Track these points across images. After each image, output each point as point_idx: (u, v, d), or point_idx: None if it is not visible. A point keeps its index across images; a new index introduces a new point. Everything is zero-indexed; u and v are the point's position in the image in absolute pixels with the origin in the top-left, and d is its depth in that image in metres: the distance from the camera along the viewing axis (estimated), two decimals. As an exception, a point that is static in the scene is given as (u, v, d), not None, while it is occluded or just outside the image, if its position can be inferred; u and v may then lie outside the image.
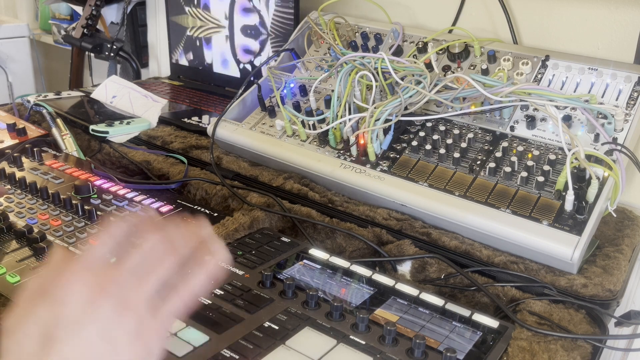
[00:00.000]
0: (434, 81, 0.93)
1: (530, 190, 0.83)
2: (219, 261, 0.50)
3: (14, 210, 0.86)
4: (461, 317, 0.66)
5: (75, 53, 1.82)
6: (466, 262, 0.80)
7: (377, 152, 0.94)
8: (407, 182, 0.89)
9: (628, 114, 0.87)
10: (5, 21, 2.46)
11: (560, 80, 0.95)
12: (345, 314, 0.64)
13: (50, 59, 2.60)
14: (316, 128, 1.01)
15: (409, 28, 1.13)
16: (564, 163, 0.81)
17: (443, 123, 0.96)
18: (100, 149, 1.14)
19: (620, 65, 0.92)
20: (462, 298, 0.77)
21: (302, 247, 0.79)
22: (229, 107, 1.12)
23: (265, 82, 1.15)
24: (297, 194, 0.95)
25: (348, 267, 0.74)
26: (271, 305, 0.65)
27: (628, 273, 0.80)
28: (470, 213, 0.82)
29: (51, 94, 1.37)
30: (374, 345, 0.59)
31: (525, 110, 0.93)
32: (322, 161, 0.96)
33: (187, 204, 0.91)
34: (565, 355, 0.62)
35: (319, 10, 1.21)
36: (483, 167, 0.88)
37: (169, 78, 1.64)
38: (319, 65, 1.15)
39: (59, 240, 0.79)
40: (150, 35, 1.84)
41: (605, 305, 0.72)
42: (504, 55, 1.00)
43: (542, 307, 0.71)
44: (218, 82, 1.52)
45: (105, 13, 1.85)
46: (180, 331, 0.59)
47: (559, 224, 0.78)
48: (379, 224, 0.87)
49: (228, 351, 0.57)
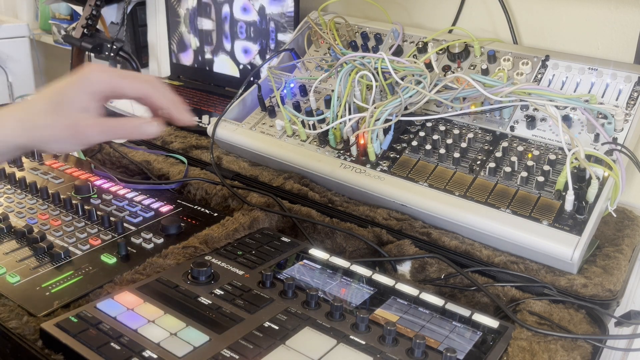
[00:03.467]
0: (434, 81, 0.93)
1: (530, 190, 0.83)
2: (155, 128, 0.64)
3: (14, 210, 0.86)
4: (461, 317, 0.66)
5: (75, 53, 1.82)
6: (466, 262, 0.80)
7: (377, 152, 0.94)
8: (407, 182, 0.89)
9: (628, 114, 0.87)
10: (5, 21, 2.46)
11: (560, 80, 0.95)
12: (345, 314, 0.64)
13: (50, 59, 2.60)
14: (316, 128, 1.01)
15: (409, 28, 1.13)
16: (564, 163, 0.81)
17: (443, 123, 0.96)
18: (100, 149, 1.14)
19: (620, 65, 0.92)
20: (462, 298, 0.77)
21: (302, 247, 0.79)
22: (229, 107, 1.12)
23: (265, 82, 1.15)
24: (297, 194, 0.95)
25: (348, 267, 0.74)
26: (271, 305, 0.65)
27: (628, 273, 0.80)
28: (470, 213, 0.82)
29: (51, 94, 1.37)
30: (374, 345, 0.59)
31: (525, 110, 0.93)
32: (322, 161, 0.96)
33: (187, 204, 0.91)
34: (565, 355, 0.62)
35: (319, 10, 1.21)
36: (483, 167, 0.88)
37: (169, 78, 1.64)
38: (319, 65, 1.15)
39: (59, 240, 0.79)
40: (150, 35, 1.84)
41: (605, 305, 0.72)
42: (504, 55, 1.00)
43: (542, 307, 0.71)
44: (218, 82, 1.51)
45: (105, 13, 1.85)
46: (180, 331, 0.59)
47: (559, 224, 0.78)
48: (379, 224, 0.87)
49: (228, 351, 0.57)
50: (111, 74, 0.63)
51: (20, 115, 0.61)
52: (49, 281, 0.70)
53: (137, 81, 0.63)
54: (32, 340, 0.60)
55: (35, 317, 0.64)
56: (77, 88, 0.61)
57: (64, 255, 0.74)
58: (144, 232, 0.81)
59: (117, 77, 0.62)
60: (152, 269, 0.72)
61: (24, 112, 0.61)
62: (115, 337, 0.58)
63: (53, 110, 0.60)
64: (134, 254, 0.77)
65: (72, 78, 0.62)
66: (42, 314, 0.64)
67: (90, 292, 0.68)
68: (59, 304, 0.66)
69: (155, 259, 0.74)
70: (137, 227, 0.83)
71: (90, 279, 0.71)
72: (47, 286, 0.69)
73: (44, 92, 0.62)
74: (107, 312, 0.62)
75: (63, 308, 0.66)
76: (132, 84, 0.63)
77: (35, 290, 0.68)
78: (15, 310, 0.65)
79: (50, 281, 0.70)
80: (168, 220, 0.84)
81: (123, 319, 0.61)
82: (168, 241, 0.80)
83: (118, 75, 0.63)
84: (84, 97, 0.61)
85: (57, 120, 0.60)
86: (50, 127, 0.60)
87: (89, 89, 0.61)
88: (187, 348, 0.57)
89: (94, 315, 0.61)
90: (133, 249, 0.77)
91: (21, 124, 0.60)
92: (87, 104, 0.61)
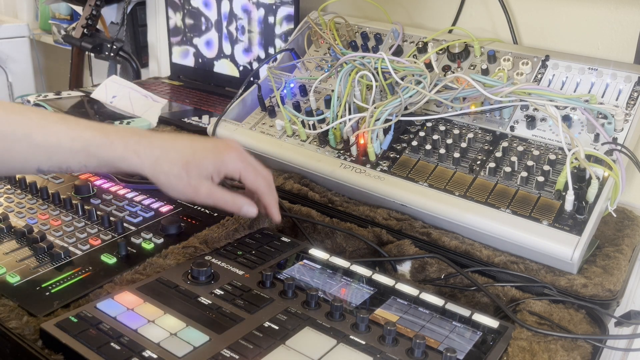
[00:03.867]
0: (434, 81, 0.93)
1: (530, 190, 0.83)
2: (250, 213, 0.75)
3: (14, 210, 0.86)
4: (461, 317, 0.66)
5: (75, 53, 1.82)
6: (466, 262, 0.80)
7: (377, 152, 0.94)
8: (407, 182, 0.89)
9: (628, 114, 0.87)
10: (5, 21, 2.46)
11: (560, 80, 0.95)
12: (345, 314, 0.64)
13: (50, 59, 2.60)
14: (316, 128, 1.01)
15: (409, 28, 1.13)
16: (564, 163, 0.81)
17: (443, 123, 0.96)
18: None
19: (620, 65, 0.92)
20: (462, 298, 0.77)
21: (302, 247, 0.79)
22: (229, 107, 1.12)
23: (265, 82, 1.15)
24: (297, 194, 0.95)
25: (348, 267, 0.74)
26: (271, 305, 0.65)
27: (628, 273, 0.80)
28: (470, 213, 0.82)
29: (51, 94, 1.37)
30: (374, 345, 0.59)
31: (525, 110, 0.93)
32: (322, 161, 0.96)
33: (187, 204, 0.91)
34: (565, 355, 0.62)
35: (319, 10, 1.21)
36: (483, 167, 0.88)
37: (169, 78, 1.64)
38: (319, 65, 1.15)
39: (59, 240, 0.79)
40: (150, 35, 1.84)
41: (605, 305, 0.72)
42: (504, 55, 1.00)
43: (542, 307, 0.71)
44: (218, 82, 1.52)
45: (105, 13, 1.85)
46: (181, 331, 0.59)
47: (559, 224, 0.78)
48: (379, 224, 0.87)
49: (228, 351, 0.57)
50: (244, 165, 0.74)
51: (156, 155, 0.70)
52: (49, 281, 0.70)
53: (258, 178, 0.75)
54: (32, 340, 0.60)
55: (35, 317, 0.64)
56: (211, 162, 0.72)
57: (64, 255, 0.74)
58: (144, 232, 0.81)
59: (246, 171, 0.74)
60: (152, 269, 0.72)
61: (161, 156, 0.70)
62: (115, 337, 0.58)
63: (185, 167, 0.70)
64: (134, 254, 0.76)
65: (213, 149, 0.73)
66: (42, 314, 0.64)
67: (90, 292, 0.68)
68: (59, 304, 0.66)
69: (155, 259, 0.74)
70: (137, 227, 0.83)
71: (90, 279, 0.71)
72: (47, 286, 0.69)
73: (184, 143, 0.73)
74: (107, 312, 0.62)
75: (63, 308, 0.66)
76: (254, 180, 0.74)
77: (35, 290, 0.68)
78: (15, 310, 0.64)
79: (50, 281, 0.70)
80: (168, 220, 0.84)
81: (123, 319, 0.61)
82: (168, 241, 0.80)
83: (247, 169, 0.74)
84: (213, 171, 0.72)
85: (184, 177, 0.70)
86: (175, 178, 0.70)
87: (220, 167, 0.72)
88: (187, 348, 0.57)
89: (94, 315, 0.61)
90: (133, 249, 0.77)
91: (153, 164, 0.70)
92: (213, 176, 0.72)
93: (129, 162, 0.69)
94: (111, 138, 0.69)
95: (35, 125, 0.68)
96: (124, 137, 0.70)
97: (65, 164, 0.70)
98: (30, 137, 0.67)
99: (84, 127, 0.70)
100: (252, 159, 0.76)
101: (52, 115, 0.72)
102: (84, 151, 0.68)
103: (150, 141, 0.70)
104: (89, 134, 0.69)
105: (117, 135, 0.70)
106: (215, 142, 0.75)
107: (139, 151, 0.69)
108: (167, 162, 0.70)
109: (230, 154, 0.73)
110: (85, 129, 0.69)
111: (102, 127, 0.71)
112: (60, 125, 0.69)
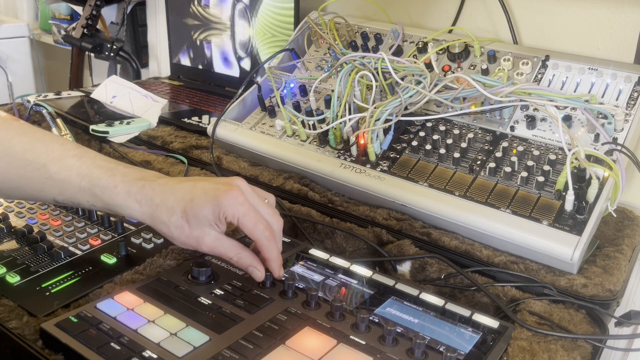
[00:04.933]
0: (434, 81, 0.93)
1: (530, 190, 0.83)
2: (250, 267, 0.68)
3: (14, 210, 0.86)
4: (461, 317, 0.66)
5: (75, 53, 1.82)
6: (466, 262, 0.80)
7: (377, 152, 0.94)
8: (407, 182, 0.89)
9: (628, 114, 0.87)
10: (5, 21, 2.46)
11: (560, 80, 0.95)
12: (345, 314, 0.64)
13: (50, 59, 2.60)
14: (316, 128, 1.01)
15: (409, 28, 1.13)
16: (564, 163, 0.81)
17: (443, 123, 0.96)
18: (100, 149, 1.14)
19: (620, 65, 0.92)
20: (462, 298, 0.77)
21: (302, 247, 0.79)
22: (229, 107, 1.12)
23: (265, 82, 1.15)
24: (297, 194, 0.95)
25: (348, 267, 0.74)
26: (271, 305, 0.65)
27: (628, 273, 0.80)
28: (470, 213, 0.82)
29: (51, 94, 1.37)
30: (374, 346, 0.59)
31: (525, 110, 0.93)
32: (322, 161, 0.96)
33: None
34: (565, 355, 0.62)
35: (319, 10, 1.21)
36: (483, 167, 0.88)
37: (169, 78, 1.64)
38: (319, 65, 1.15)
39: (59, 240, 0.79)
40: (150, 35, 1.84)
41: (605, 305, 0.72)
42: (504, 55, 1.00)
43: (542, 307, 0.71)
44: (218, 82, 1.52)
45: (105, 13, 1.86)
46: (180, 331, 0.59)
47: (559, 224, 0.78)
48: (379, 224, 0.87)
49: (228, 351, 0.57)
50: (245, 209, 0.65)
51: (156, 203, 0.65)
52: (49, 281, 0.70)
53: (258, 226, 0.66)
54: (32, 340, 0.60)
55: (35, 317, 0.64)
56: (210, 209, 0.65)
57: (64, 255, 0.74)
58: (144, 232, 0.81)
59: (244, 217, 0.65)
60: (152, 269, 0.72)
61: (160, 204, 0.66)
62: (115, 337, 0.58)
63: (183, 216, 0.65)
64: (134, 254, 0.76)
65: (213, 191, 0.65)
66: (42, 314, 0.64)
67: (90, 292, 0.68)
68: (59, 304, 0.66)
69: (155, 259, 0.74)
70: (137, 227, 0.83)
71: (90, 279, 0.71)
72: (47, 286, 0.69)
73: (184, 188, 0.66)
74: (107, 312, 0.62)
75: (63, 308, 0.66)
76: (252, 229, 0.66)
77: (35, 290, 0.68)
78: (15, 310, 0.64)
79: (50, 281, 0.70)
80: (168, 220, 0.83)
81: (123, 319, 0.61)
82: (168, 241, 0.79)
83: (247, 214, 0.65)
84: (213, 219, 0.65)
85: (185, 228, 0.66)
86: (176, 228, 0.66)
87: (219, 214, 0.65)
88: (187, 348, 0.57)
89: (94, 315, 0.61)
90: (133, 249, 0.77)
91: (152, 214, 0.66)
92: (216, 225, 0.66)
93: (131, 212, 0.67)
94: (116, 181, 0.67)
95: (54, 157, 0.67)
96: (129, 181, 0.67)
97: (77, 201, 0.68)
98: (46, 168, 0.66)
99: (95, 164, 0.68)
100: (256, 199, 0.68)
101: (74, 149, 0.70)
102: (90, 191, 0.67)
103: (153, 187, 0.66)
104: (98, 172, 0.67)
105: (123, 179, 0.67)
106: (216, 184, 0.67)
107: (140, 200, 0.66)
108: (166, 211, 0.65)
109: (229, 196, 0.65)
110: (95, 167, 0.67)
111: (111, 167, 0.68)
112: (76, 160, 0.67)
